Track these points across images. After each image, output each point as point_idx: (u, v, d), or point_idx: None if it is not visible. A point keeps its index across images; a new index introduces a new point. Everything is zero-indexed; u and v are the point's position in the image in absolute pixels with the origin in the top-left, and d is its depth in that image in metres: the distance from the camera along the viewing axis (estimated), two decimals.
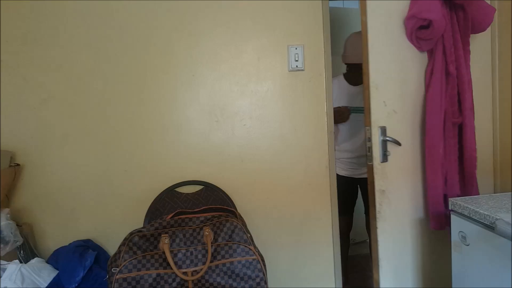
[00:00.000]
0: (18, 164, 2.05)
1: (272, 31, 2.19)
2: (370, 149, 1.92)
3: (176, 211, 1.86)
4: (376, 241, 1.96)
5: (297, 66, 2.20)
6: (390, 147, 1.94)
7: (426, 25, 1.87)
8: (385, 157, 1.92)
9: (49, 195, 2.13)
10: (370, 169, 1.94)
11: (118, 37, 2.12)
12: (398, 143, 1.93)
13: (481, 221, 1.41)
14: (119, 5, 2.10)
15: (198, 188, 2.19)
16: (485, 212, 1.38)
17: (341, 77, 2.86)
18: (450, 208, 1.62)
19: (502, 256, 1.33)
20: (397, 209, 1.99)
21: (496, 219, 1.31)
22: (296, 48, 2.19)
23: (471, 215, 1.47)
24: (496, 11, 2.04)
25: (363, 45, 1.91)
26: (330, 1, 2.28)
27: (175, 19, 2.14)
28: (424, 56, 2.00)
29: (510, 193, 1.62)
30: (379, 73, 1.91)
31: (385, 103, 1.93)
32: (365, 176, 2.50)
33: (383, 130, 1.91)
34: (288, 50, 2.20)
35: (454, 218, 1.59)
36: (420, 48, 1.96)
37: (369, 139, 1.91)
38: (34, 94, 2.09)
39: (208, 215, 1.82)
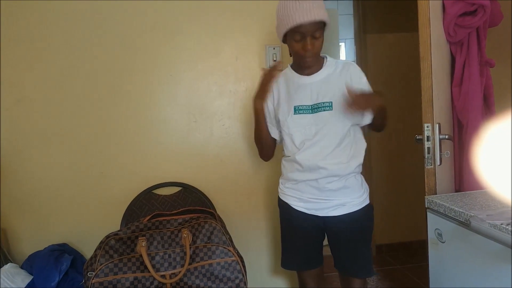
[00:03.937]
0: None
1: (250, 30, 2.19)
2: (429, 150, 1.69)
3: (153, 213, 1.84)
4: None
5: None
6: None
7: (470, 11, 1.71)
8: (440, 160, 1.71)
9: (23, 199, 2.09)
10: (431, 174, 1.71)
11: (94, 36, 2.08)
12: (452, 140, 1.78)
13: (456, 218, 1.43)
14: (96, 4, 2.07)
15: (176, 189, 2.17)
16: (460, 210, 1.40)
17: (288, 69, 1.78)
18: (426, 206, 1.63)
19: (477, 253, 1.35)
20: None
21: (470, 216, 1.33)
22: (274, 48, 2.19)
23: (446, 212, 1.48)
24: None
25: (422, 26, 1.66)
26: None
27: (152, 18, 2.12)
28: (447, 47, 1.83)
29: (484, 190, 1.64)
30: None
31: (438, 97, 1.71)
32: (334, 213, 1.70)
33: (439, 127, 1.69)
34: (266, 49, 2.19)
35: (430, 216, 1.61)
36: (453, 38, 1.76)
37: (428, 138, 1.69)
38: (8, 94, 2.05)
39: (187, 216, 1.81)
